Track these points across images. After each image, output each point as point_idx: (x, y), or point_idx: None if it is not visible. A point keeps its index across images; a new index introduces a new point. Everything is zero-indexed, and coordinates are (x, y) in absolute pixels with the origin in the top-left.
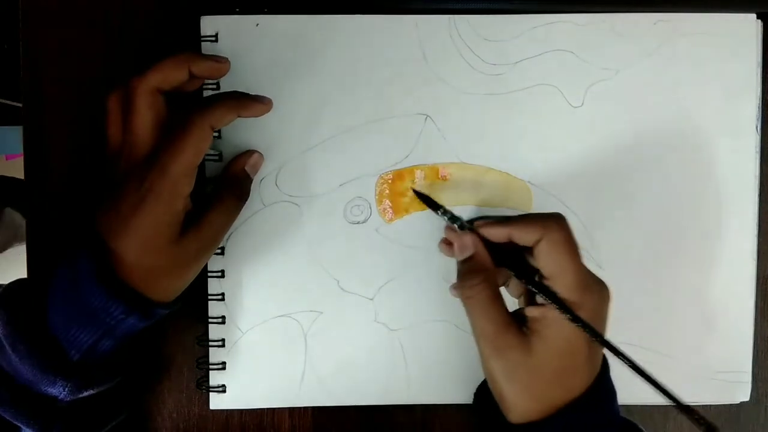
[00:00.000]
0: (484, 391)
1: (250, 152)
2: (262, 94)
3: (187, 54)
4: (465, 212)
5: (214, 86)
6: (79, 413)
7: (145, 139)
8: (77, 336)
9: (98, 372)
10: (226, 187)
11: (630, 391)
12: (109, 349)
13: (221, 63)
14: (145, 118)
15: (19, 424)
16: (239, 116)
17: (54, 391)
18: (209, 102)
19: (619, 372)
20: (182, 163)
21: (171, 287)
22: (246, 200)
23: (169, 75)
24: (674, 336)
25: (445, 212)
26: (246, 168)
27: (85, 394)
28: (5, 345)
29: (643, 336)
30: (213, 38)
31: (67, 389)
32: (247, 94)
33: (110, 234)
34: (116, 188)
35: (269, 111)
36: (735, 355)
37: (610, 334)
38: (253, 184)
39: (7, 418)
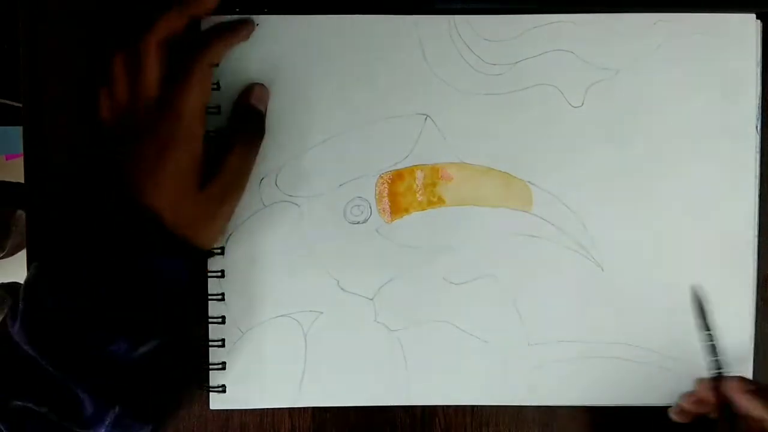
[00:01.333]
0: None
1: (250, 85)
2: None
3: (183, 3)
4: (466, 212)
5: (215, 86)
6: (140, 378)
7: (156, 92)
8: (127, 290)
9: (154, 326)
10: (240, 127)
11: (629, 391)
12: (160, 296)
13: None
14: (155, 70)
15: (82, 396)
16: (233, 45)
17: (116, 348)
18: (204, 42)
19: (617, 373)
20: (191, 103)
21: (206, 236)
22: (262, 137)
23: (174, 24)
24: (674, 336)
25: (711, 338)
26: (251, 102)
27: (144, 349)
28: (65, 310)
29: (643, 336)
30: None
31: (127, 344)
32: (229, 23)
33: (141, 190)
34: (131, 146)
35: (254, 30)
36: (735, 355)
37: (611, 334)
38: (252, 184)
39: (72, 386)
